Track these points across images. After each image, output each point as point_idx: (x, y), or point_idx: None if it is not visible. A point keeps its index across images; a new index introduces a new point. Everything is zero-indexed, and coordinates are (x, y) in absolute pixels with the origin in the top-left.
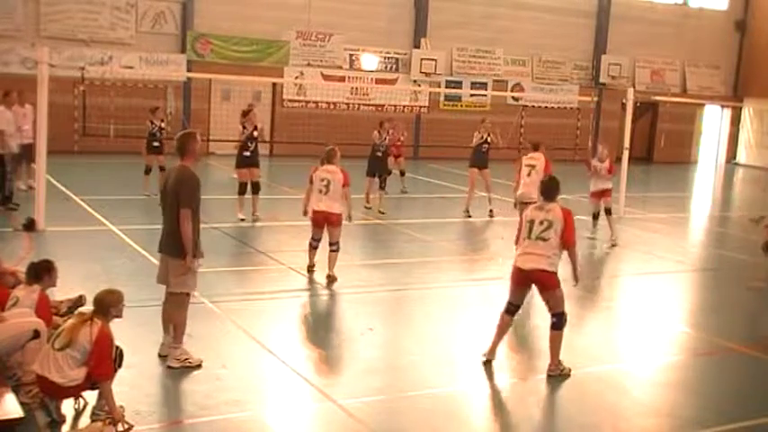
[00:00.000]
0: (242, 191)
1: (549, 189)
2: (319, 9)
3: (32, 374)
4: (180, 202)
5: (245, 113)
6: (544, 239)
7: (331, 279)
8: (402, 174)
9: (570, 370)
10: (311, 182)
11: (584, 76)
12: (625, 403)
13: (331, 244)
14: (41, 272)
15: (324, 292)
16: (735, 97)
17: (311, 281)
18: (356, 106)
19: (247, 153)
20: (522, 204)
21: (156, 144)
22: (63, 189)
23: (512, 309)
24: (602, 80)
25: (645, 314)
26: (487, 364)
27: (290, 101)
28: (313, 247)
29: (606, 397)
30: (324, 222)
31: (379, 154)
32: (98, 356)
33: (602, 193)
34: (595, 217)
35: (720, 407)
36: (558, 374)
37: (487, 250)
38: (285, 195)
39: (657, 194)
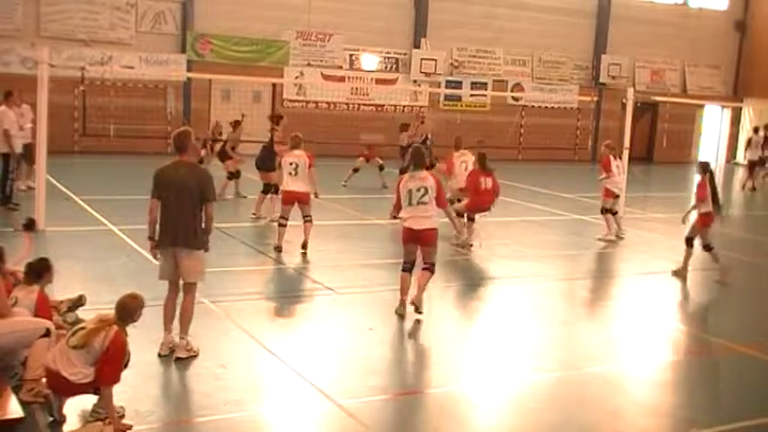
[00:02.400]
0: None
1: (419, 158)
2: (319, 9)
3: (35, 372)
4: (208, 196)
5: (278, 119)
6: (424, 203)
7: (305, 246)
8: (381, 168)
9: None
10: (280, 166)
11: (584, 76)
12: (625, 403)
13: (304, 216)
14: (42, 271)
15: (324, 292)
16: (735, 97)
17: (311, 281)
18: (356, 106)
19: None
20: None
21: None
22: (63, 189)
23: (408, 267)
24: (602, 80)
25: (644, 314)
26: (402, 316)
27: (290, 101)
28: (281, 225)
29: (606, 397)
30: (294, 201)
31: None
32: (107, 361)
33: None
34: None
35: (720, 407)
36: (419, 308)
37: (485, 250)
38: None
39: (657, 194)
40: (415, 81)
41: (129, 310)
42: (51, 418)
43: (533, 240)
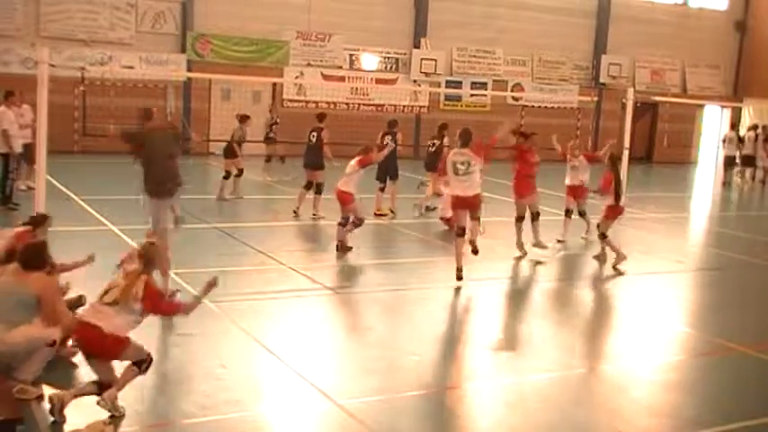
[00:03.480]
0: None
1: (466, 138)
2: (319, 9)
3: (29, 375)
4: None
5: (323, 117)
6: (469, 173)
7: (338, 247)
8: None
9: None
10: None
11: (584, 76)
12: (625, 403)
13: (342, 216)
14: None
15: (324, 293)
16: (735, 97)
17: (311, 281)
18: (356, 106)
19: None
20: None
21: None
22: (63, 189)
23: (461, 233)
24: (602, 80)
25: (645, 314)
26: (461, 278)
27: (290, 101)
28: (340, 225)
29: (606, 397)
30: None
31: None
32: (151, 306)
33: (577, 190)
34: (568, 214)
35: (720, 407)
36: (476, 247)
37: (486, 250)
38: (285, 195)
39: (657, 194)
40: (415, 81)
41: (150, 256)
42: (52, 419)
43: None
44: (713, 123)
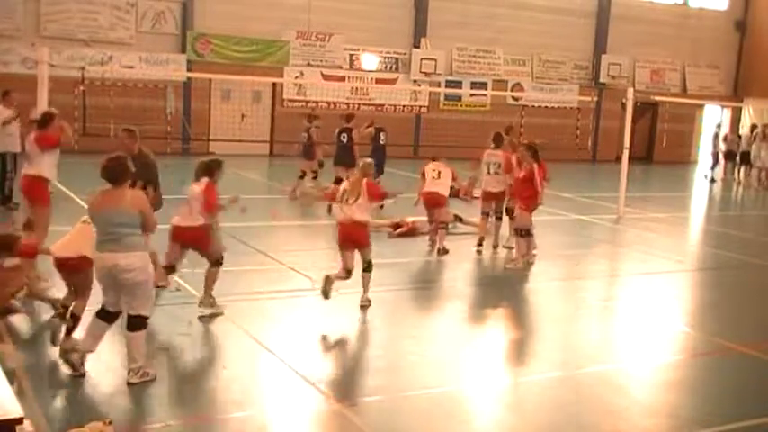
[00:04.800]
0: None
1: (498, 140)
2: (319, 9)
3: (142, 358)
4: None
5: (350, 117)
6: (497, 173)
7: (438, 251)
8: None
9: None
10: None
11: (584, 76)
12: (625, 403)
13: (431, 220)
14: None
15: None
16: (735, 97)
17: (311, 281)
18: (356, 106)
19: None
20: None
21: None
22: (63, 189)
23: (485, 215)
24: (602, 80)
25: (645, 314)
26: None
27: (289, 101)
28: (440, 228)
29: (606, 397)
30: (432, 203)
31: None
32: (373, 195)
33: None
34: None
35: (720, 407)
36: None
37: (486, 250)
38: (285, 195)
39: (657, 194)
40: (415, 81)
41: (369, 169)
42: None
43: None
44: (713, 123)
